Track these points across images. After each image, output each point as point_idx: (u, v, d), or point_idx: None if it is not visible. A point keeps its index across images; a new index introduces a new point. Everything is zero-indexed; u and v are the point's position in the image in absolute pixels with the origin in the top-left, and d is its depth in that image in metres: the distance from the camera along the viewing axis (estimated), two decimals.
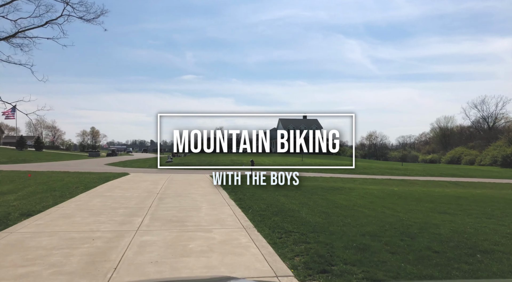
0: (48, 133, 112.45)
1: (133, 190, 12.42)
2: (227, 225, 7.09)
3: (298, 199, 10.99)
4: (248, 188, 13.14)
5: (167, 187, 13.62)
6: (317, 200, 11.02)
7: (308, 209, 9.20)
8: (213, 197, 11.10)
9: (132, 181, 15.81)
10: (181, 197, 10.94)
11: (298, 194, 12.41)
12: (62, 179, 14.46)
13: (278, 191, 12.94)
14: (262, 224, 7.17)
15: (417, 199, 12.50)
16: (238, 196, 11.18)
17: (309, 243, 5.79)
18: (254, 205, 9.52)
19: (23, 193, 10.35)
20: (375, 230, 6.86)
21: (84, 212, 8.08)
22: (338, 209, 9.35)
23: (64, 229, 6.42)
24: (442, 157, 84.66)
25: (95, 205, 9.10)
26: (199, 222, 7.35)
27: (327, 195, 12.69)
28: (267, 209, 8.92)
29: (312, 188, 14.53)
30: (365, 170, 38.00)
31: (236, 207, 9.28)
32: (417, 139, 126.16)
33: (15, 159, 39.62)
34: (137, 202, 9.74)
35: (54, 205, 8.73)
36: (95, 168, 28.14)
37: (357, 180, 24.41)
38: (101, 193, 11.43)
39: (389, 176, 31.92)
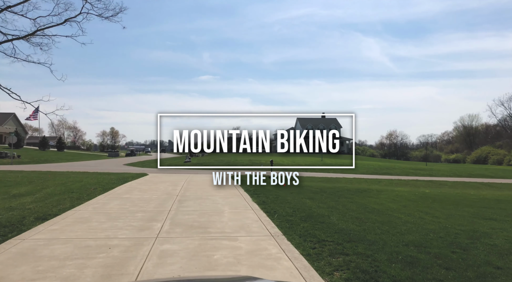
0: (70, 134, 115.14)
1: (151, 191, 12.02)
2: (253, 232, 6.51)
3: (326, 203, 10.32)
4: (270, 190, 12.54)
5: (186, 188, 13.17)
6: (346, 204, 10.31)
7: (338, 214, 8.53)
8: (235, 199, 10.56)
9: (151, 182, 15.47)
10: (202, 199, 10.45)
11: (324, 197, 11.73)
12: (81, 180, 14.24)
13: (302, 193, 12.30)
14: (291, 231, 6.56)
15: (453, 202, 11.61)
16: (261, 198, 10.60)
17: (348, 254, 5.14)
18: (279, 209, 8.91)
19: (40, 195, 10.07)
20: (418, 239, 6.14)
21: (101, 216, 7.66)
22: (372, 214, 8.62)
23: (79, 235, 5.98)
24: (467, 157, 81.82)
25: (113, 208, 8.69)
26: (223, 228, 6.79)
27: (356, 197, 11.95)
28: (294, 213, 8.30)
29: (337, 190, 13.80)
30: (388, 170, 36.83)
31: (260, 211, 8.70)
32: (439, 138, 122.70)
33: (37, 159, 40.30)
34: (156, 205, 9.29)
35: (71, 208, 8.36)
36: (114, 168, 28.15)
37: (382, 181, 23.45)
38: (119, 195, 11.07)
39: (413, 176, 30.69)
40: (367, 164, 42.32)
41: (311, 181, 22.03)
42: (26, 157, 41.82)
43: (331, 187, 15.48)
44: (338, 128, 75.28)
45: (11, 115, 78.15)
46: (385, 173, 34.20)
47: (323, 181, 21.81)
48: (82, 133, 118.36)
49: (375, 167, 38.73)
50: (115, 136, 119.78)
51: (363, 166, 38.61)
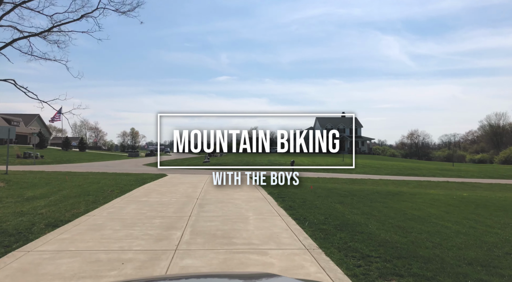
0: (92, 135, 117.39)
1: (170, 194, 11.40)
2: (285, 244, 5.72)
3: (359, 208, 9.41)
4: (296, 193, 11.72)
5: (206, 190, 12.50)
6: (382, 209, 9.37)
7: (376, 221, 7.62)
8: (258, 203, 9.79)
9: (170, 183, 14.90)
10: (223, 203, 9.73)
11: (355, 201, 10.80)
12: (98, 181, 13.80)
13: (331, 197, 11.41)
14: (327, 243, 5.73)
15: (500, 208, 10.47)
16: (287, 203, 9.79)
17: (402, 276, 4.28)
18: (309, 215, 8.08)
19: (55, 198, 9.59)
20: (482, 256, 5.19)
21: (116, 222, 7.04)
22: (414, 222, 7.67)
23: (90, 246, 5.34)
24: (494, 157, 78.38)
25: (129, 213, 8.07)
26: (249, 238, 6.03)
27: (389, 201, 10.97)
28: (326, 221, 7.45)
29: (367, 193, 12.82)
30: (413, 171, 35.28)
31: (288, 217, 7.89)
32: (463, 137, 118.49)
33: (60, 159, 40.76)
34: (175, 209, 8.63)
35: (85, 213, 7.79)
36: (133, 168, 27.91)
37: (410, 182, 22.18)
38: (136, 197, 10.49)
39: (442, 177, 29.16)
40: (390, 164, 40.77)
41: (334, 182, 21.04)
42: (49, 157, 42.40)
43: (358, 189, 14.51)
44: (359, 128, 73.55)
45: (35, 116, 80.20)
46: (410, 173, 32.71)
47: (347, 183, 20.79)
48: (103, 134, 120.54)
49: (399, 168, 37.22)
50: (135, 136, 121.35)
51: (386, 167, 37.18)
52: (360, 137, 72.94)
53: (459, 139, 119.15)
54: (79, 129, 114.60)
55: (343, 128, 72.67)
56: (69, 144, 64.86)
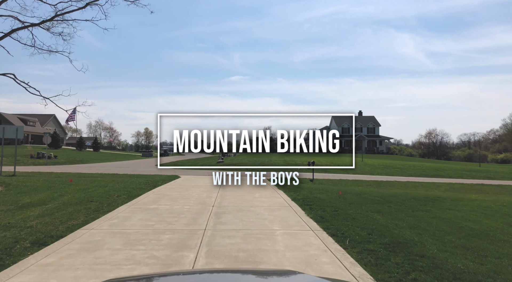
0: (106, 135, 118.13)
1: (183, 200, 10.20)
2: (328, 273, 4.40)
3: (402, 219, 8.00)
4: (323, 200, 10.37)
5: (222, 195, 11.28)
6: (429, 220, 7.95)
7: (431, 238, 6.23)
8: (284, 213, 8.48)
9: (183, 186, 13.73)
10: (243, 211, 8.46)
11: (394, 209, 9.39)
12: (106, 185, 12.73)
13: (364, 204, 10.02)
14: (383, 272, 4.39)
15: None
16: (316, 212, 8.45)
17: None
18: (347, 229, 6.74)
19: (53, 205, 8.50)
20: None
21: (117, 238, 5.84)
22: (479, 240, 6.25)
23: (78, 275, 4.14)
24: None
25: (134, 225, 6.88)
26: (281, 263, 4.74)
27: (433, 210, 9.51)
28: (371, 238, 6.09)
29: (403, 199, 11.35)
30: (437, 171, 33.37)
31: (322, 232, 6.56)
32: (483, 137, 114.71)
33: (73, 160, 40.31)
34: (188, 220, 7.41)
35: (83, 225, 6.64)
36: (145, 169, 26.97)
37: (441, 185, 20.49)
38: (145, 204, 9.33)
39: (472, 179, 27.23)
40: (412, 165, 38.78)
41: (358, 185, 19.56)
42: (63, 157, 42.02)
43: (390, 194, 13.03)
44: (376, 127, 71.32)
45: (51, 116, 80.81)
46: (435, 175, 30.88)
47: (373, 185, 19.27)
48: (118, 134, 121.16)
49: (423, 168, 35.30)
50: (149, 136, 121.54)
51: (409, 167, 35.33)
52: (378, 136, 70.73)
53: (479, 138, 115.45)
54: (94, 130, 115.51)
55: (360, 127, 70.59)
56: (83, 144, 64.84)
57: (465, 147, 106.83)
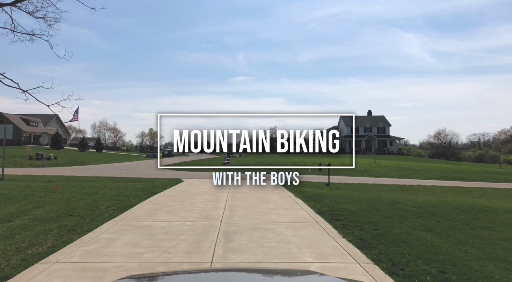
0: (110, 135, 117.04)
1: (184, 213, 8.43)
2: None
3: (465, 241, 6.14)
4: (355, 213, 8.54)
5: (231, 205, 9.50)
6: (504, 244, 6.08)
7: None
8: (311, 232, 6.66)
9: (185, 193, 11.97)
10: (259, 230, 6.66)
11: (445, 225, 7.52)
12: (96, 192, 10.99)
13: (406, 218, 8.16)
14: None
15: None
16: (353, 232, 6.62)
17: None
18: (405, 261, 4.90)
19: (20, 222, 6.75)
20: None
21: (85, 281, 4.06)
22: None
23: None
24: None
25: (116, 254, 5.10)
26: None
27: (495, 227, 7.62)
28: (434, 272, 4.26)
29: (446, 210, 9.47)
30: (457, 174, 31.29)
31: (373, 266, 4.74)
32: (494, 137, 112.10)
33: (73, 161, 38.80)
34: (188, 245, 5.62)
35: (46, 256, 4.87)
36: (146, 171, 25.27)
37: (472, 189, 18.53)
38: (136, 219, 7.56)
39: (499, 183, 25.20)
40: (429, 167, 36.65)
41: (380, 189, 17.68)
42: (64, 158, 40.53)
43: (426, 203, 11.14)
44: (387, 126, 69.19)
45: (54, 117, 79.70)
46: (456, 177, 28.88)
47: (396, 190, 17.40)
48: (122, 134, 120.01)
49: (441, 170, 33.28)
50: (153, 137, 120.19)
51: (426, 169, 33.30)
52: (388, 137, 68.60)
53: (489, 138, 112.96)
54: (98, 130, 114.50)
55: (369, 127, 68.50)
56: (86, 144, 63.52)
57: (475, 147, 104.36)
